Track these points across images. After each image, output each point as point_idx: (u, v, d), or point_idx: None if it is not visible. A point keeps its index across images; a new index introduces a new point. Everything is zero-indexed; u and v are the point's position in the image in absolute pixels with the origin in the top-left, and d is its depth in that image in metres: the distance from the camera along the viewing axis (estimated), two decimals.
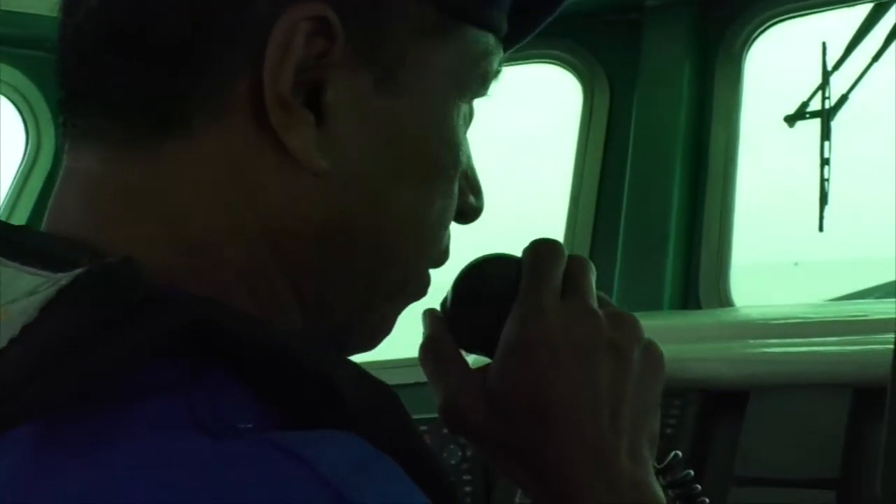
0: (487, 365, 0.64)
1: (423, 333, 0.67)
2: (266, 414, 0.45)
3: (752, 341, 1.68)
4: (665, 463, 0.68)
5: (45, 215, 0.54)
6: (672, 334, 1.76)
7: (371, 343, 0.60)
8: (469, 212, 0.61)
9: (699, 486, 0.74)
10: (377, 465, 0.43)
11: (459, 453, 1.63)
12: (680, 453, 0.72)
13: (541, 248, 0.65)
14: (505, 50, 0.60)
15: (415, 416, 0.51)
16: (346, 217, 0.52)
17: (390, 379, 0.51)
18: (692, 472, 0.73)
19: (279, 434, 0.42)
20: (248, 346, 0.45)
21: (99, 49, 0.51)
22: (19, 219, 2.15)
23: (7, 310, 0.42)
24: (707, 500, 0.74)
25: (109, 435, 0.42)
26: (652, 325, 1.95)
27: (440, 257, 0.60)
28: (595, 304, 0.64)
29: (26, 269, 0.45)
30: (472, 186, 0.60)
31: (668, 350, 1.84)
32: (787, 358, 1.61)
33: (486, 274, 0.66)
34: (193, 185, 0.50)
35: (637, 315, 1.93)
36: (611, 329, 0.63)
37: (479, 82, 0.57)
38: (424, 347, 0.66)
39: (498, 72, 0.58)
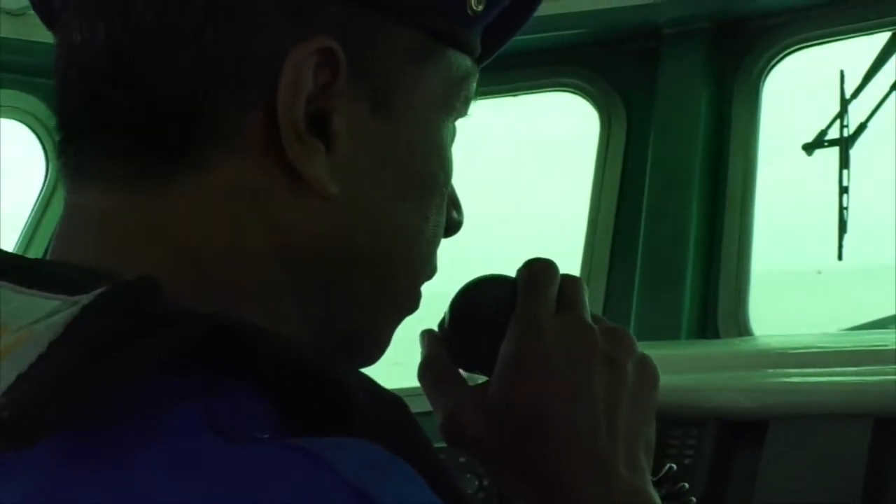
0: (485, 382, 0.66)
1: (422, 353, 0.69)
2: (281, 424, 0.46)
3: (770, 371, 1.67)
4: (660, 475, 0.69)
5: (51, 251, 0.54)
6: (690, 364, 1.75)
7: (372, 359, 0.61)
8: (453, 226, 0.63)
9: (694, 499, 0.75)
10: (393, 467, 0.44)
11: (476, 482, 1.62)
12: (675, 466, 0.74)
13: (535, 267, 0.67)
14: None
15: (435, 445, 0.52)
16: (352, 237, 0.55)
17: (413, 407, 0.52)
18: (686, 485, 0.75)
19: (297, 439, 0.44)
20: (263, 356, 0.46)
21: (107, 90, 0.52)
22: (38, 245, 2.16)
23: (33, 329, 0.43)
24: None
25: (132, 445, 0.43)
26: (670, 354, 1.96)
27: (433, 272, 0.62)
28: (590, 320, 0.66)
29: (42, 293, 0.46)
30: (453, 202, 0.63)
31: (686, 379, 1.84)
32: (807, 388, 1.60)
33: (482, 294, 0.68)
34: (206, 215, 0.51)
35: (655, 344, 1.92)
36: (606, 343, 0.65)
37: (463, 102, 0.60)
38: (423, 367, 0.68)
39: (475, 93, 0.61)
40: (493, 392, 0.64)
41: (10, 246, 2.18)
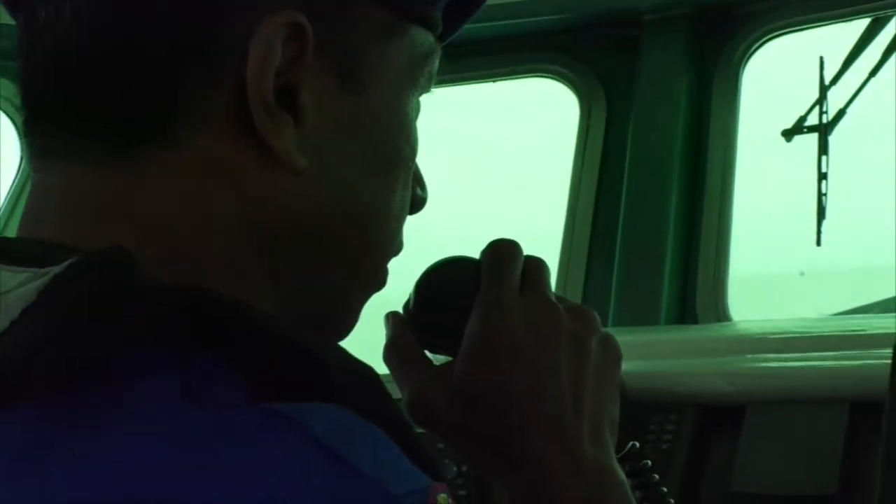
0: (451, 362, 0.66)
1: (386, 335, 0.69)
2: (254, 394, 0.46)
3: (749, 356, 1.68)
4: (623, 452, 0.70)
5: (18, 230, 0.54)
6: (669, 349, 1.75)
7: (341, 334, 0.62)
8: (417, 202, 0.64)
9: (657, 476, 0.76)
10: (365, 431, 0.45)
11: (455, 468, 1.62)
12: (637, 444, 0.75)
13: (499, 248, 0.68)
14: None
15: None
16: (322, 211, 0.56)
17: (394, 394, 0.53)
18: (650, 462, 0.75)
19: (271, 404, 0.44)
20: (237, 327, 0.46)
21: (74, 67, 0.52)
22: (14, 228, 2.15)
23: (4, 298, 0.44)
24: (665, 490, 0.76)
25: (105, 411, 0.43)
26: (649, 339, 1.96)
27: (399, 248, 0.63)
28: (553, 299, 0.67)
29: (11, 268, 0.47)
30: (417, 179, 0.64)
31: (664, 364, 1.84)
32: (785, 373, 1.61)
33: (446, 275, 0.68)
34: (175, 191, 0.52)
35: (634, 330, 1.92)
36: (570, 321, 0.66)
37: (427, 78, 0.61)
38: (388, 348, 0.69)
39: (436, 69, 0.62)
40: (459, 371, 0.65)
41: None
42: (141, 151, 0.51)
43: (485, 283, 0.66)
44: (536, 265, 0.68)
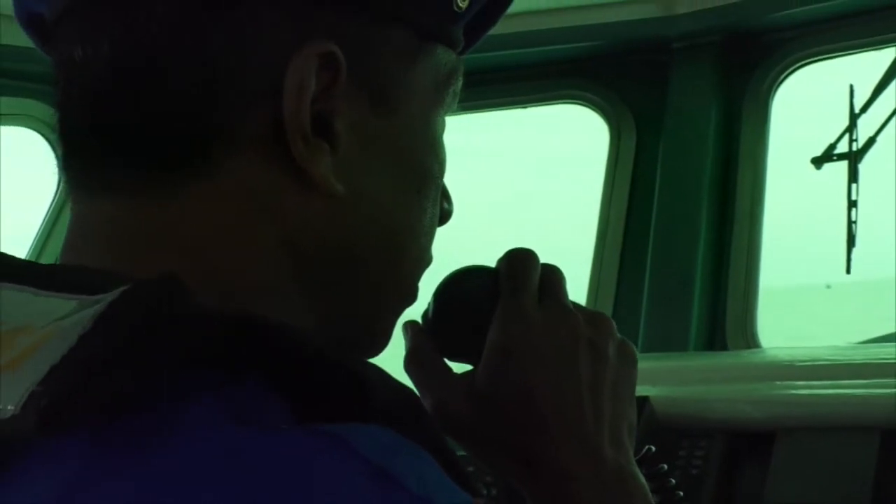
0: (471, 371, 0.68)
1: (406, 345, 0.71)
2: (298, 416, 0.47)
3: (778, 383, 1.67)
4: (640, 455, 0.71)
5: (59, 260, 0.56)
6: (698, 375, 1.75)
7: (376, 351, 0.63)
8: (444, 216, 0.65)
9: (673, 480, 0.77)
10: (409, 449, 0.46)
11: (485, 492, 1.63)
12: (654, 448, 0.76)
13: (516, 257, 0.69)
14: None
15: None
16: (358, 233, 0.57)
17: None
18: (665, 466, 0.77)
19: (318, 425, 0.45)
20: (282, 350, 0.48)
21: (111, 103, 0.53)
22: (51, 252, 2.17)
23: (59, 325, 0.45)
24: (681, 494, 0.77)
25: (158, 434, 0.44)
26: (678, 365, 1.95)
27: (430, 262, 0.64)
28: (571, 307, 0.69)
29: (61, 295, 0.48)
30: (444, 193, 0.65)
31: (694, 391, 1.83)
32: (814, 400, 1.60)
33: (464, 285, 0.70)
34: (216, 219, 0.53)
35: (663, 356, 1.91)
36: (588, 328, 0.68)
37: (452, 96, 0.62)
38: (409, 358, 0.70)
39: (461, 87, 0.63)
40: (481, 379, 0.66)
41: (22, 253, 2.19)
42: (179, 182, 0.53)
43: (504, 291, 0.67)
44: (553, 273, 0.69)
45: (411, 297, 0.64)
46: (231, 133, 0.52)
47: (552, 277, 0.69)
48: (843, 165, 2.03)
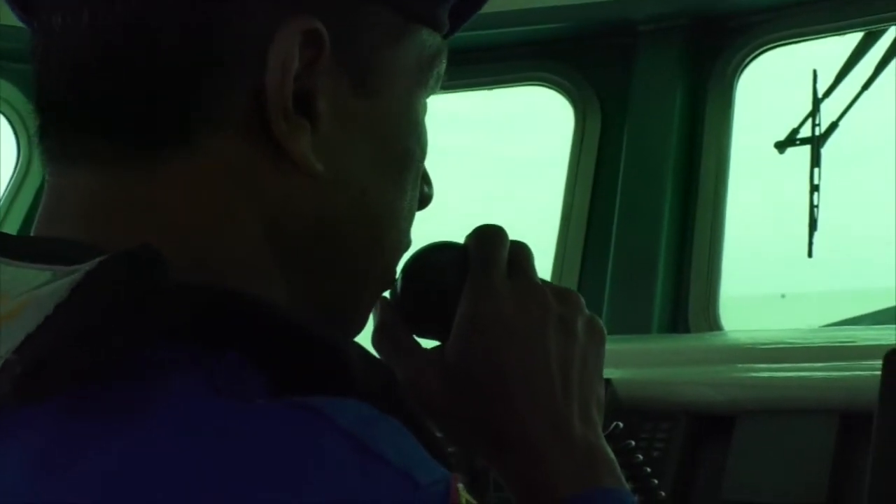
0: (441, 346, 0.68)
1: (374, 321, 0.70)
2: (277, 389, 0.47)
3: (740, 366, 1.68)
4: (607, 432, 0.71)
5: (34, 231, 0.55)
6: (660, 358, 1.76)
7: (354, 333, 0.63)
8: (424, 200, 0.65)
9: (641, 456, 0.78)
10: (387, 422, 0.46)
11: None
12: (621, 424, 0.76)
13: (485, 233, 0.69)
14: None
15: None
16: (337, 213, 0.56)
17: None
18: (633, 442, 0.77)
19: (296, 397, 0.45)
20: (262, 324, 0.48)
21: (93, 73, 0.52)
22: (10, 229, 2.15)
23: (35, 294, 0.45)
24: (648, 470, 0.78)
25: (137, 404, 0.44)
26: (641, 348, 1.97)
27: (408, 245, 0.64)
28: (540, 283, 0.69)
29: (34, 265, 0.47)
30: (424, 176, 0.64)
31: (656, 373, 1.84)
32: (775, 383, 1.62)
33: (433, 260, 0.69)
34: (195, 194, 0.52)
35: (626, 338, 1.91)
36: (557, 304, 0.68)
37: (435, 79, 0.61)
38: (378, 333, 0.69)
39: (444, 69, 0.63)
40: (450, 354, 0.66)
41: None
42: (160, 155, 0.52)
43: (473, 267, 0.67)
44: (522, 249, 0.69)
45: (388, 279, 0.64)
46: (213, 108, 0.52)
47: (521, 253, 0.69)
48: (806, 150, 2.04)
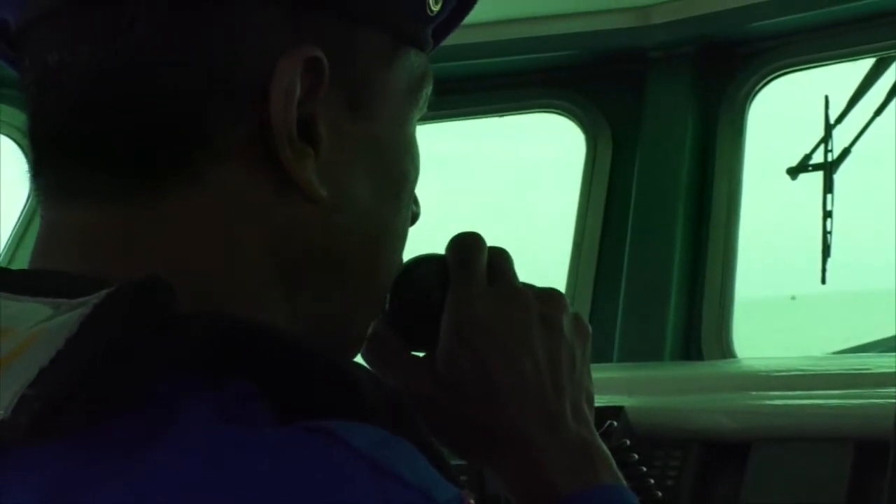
0: (430, 355, 0.68)
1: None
2: (287, 416, 0.47)
3: (753, 393, 1.67)
4: (601, 430, 0.71)
5: (30, 264, 0.55)
6: (674, 385, 1.75)
7: (353, 354, 0.64)
8: (413, 218, 0.65)
9: (636, 455, 0.78)
10: (398, 444, 0.47)
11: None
12: (616, 423, 0.76)
13: (463, 242, 0.70)
14: None
15: None
16: (340, 236, 0.57)
17: None
18: (628, 441, 0.78)
19: (309, 422, 0.45)
20: (272, 352, 0.48)
21: (94, 108, 0.52)
22: (22, 258, 2.15)
23: (45, 327, 0.45)
24: (644, 469, 0.77)
25: (148, 434, 0.44)
26: (654, 375, 1.95)
27: (401, 263, 0.65)
28: (520, 286, 0.69)
29: (38, 299, 0.47)
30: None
31: (669, 401, 1.83)
32: (789, 411, 1.61)
33: (415, 273, 0.70)
34: (199, 224, 0.52)
35: (639, 365, 1.91)
36: (540, 304, 0.68)
37: (424, 99, 0.62)
38: (368, 346, 0.69)
39: (431, 88, 0.63)
40: (441, 363, 0.67)
41: None
42: (162, 188, 0.52)
43: (454, 275, 0.68)
44: (500, 254, 0.70)
45: (384, 296, 0.64)
46: (216, 139, 0.52)
47: (499, 258, 0.69)
48: (818, 176, 2.04)
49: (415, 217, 0.65)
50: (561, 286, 2.10)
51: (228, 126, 0.52)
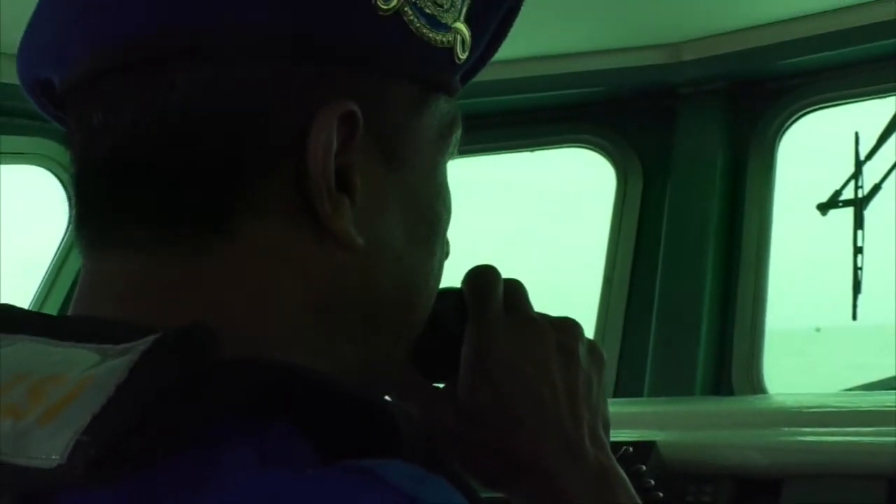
0: (450, 386, 0.69)
1: None
2: (325, 456, 0.48)
3: (785, 429, 1.67)
4: (618, 455, 0.72)
5: (70, 312, 0.56)
6: (705, 420, 1.75)
7: (386, 391, 0.66)
8: (444, 257, 0.66)
9: (652, 481, 0.78)
10: (434, 480, 0.47)
11: None
12: (631, 448, 0.77)
13: (479, 275, 0.71)
14: None
15: None
16: (375, 283, 0.58)
17: None
18: (644, 467, 0.78)
19: (348, 463, 0.46)
20: (312, 392, 0.49)
21: (136, 169, 0.54)
22: (57, 296, 2.17)
23: (92, 374, 0.46)
24: (661, 495, 0.79)
25: (198, 481, 0.45)
26: (684, 410, 1.95)
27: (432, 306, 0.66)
28: (536, 316, 0.70)
29: (81, 345, 0.48)
30: None
31: (700, 436, 1.82)
32: (822, 447, 1.60)
33: (435, 306, 0.70)
34: (236, 276, 0.53)
35: (669, 400, 1.89)
36: (556, 333, 0.69)
37: (454, 143, 0.63)
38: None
39: (461, 134, 0.65)
40: (461, 394, 0.68)
41: (31, 292, 2.20)
42: (200, 241, 0.53)
43: (472, 308, 0.69)
44: (516, 286, 0.71)
45: (416, 335, 0.65)
46: (254, 194, 0.53)
47: (515, 290, 0.71)
48: (848, 212, 2.03)
49: (443, 261, 0.66)
50: (591, 320, 2.11)
51: (265, 181, 0.53)
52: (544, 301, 0.73)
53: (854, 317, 2.02)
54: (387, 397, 0.68)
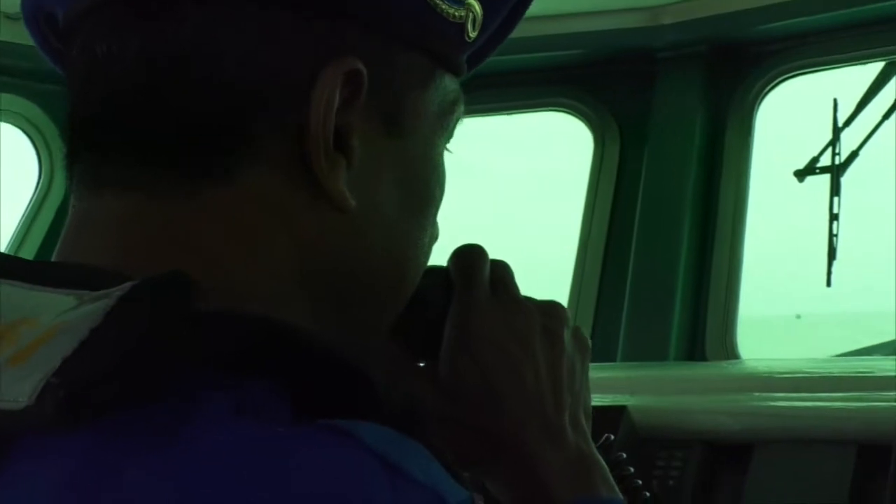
0: (434, 363, 0.69)
1: None
2: (301, 413, 0.48)
3: (757, 395, 1.68)
4: (598, 444, 0.72)
5: (56, 256, 0.55)
6: (677, 386, 1.76)
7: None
8: (432, 241, 0.66)
9: (632, 469, 0.78)
10: (410, 444, 0.48)
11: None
12: (612, 436, 0.77)
13: (466, 254, 0.70)
14: None
15: None
16: (365, 248, 0.58)
17: None
18: (624, 455, 0.78)
19: (324, 420, 0.46)
20: (292, 349, 0.48)
21: (139, 101, 0.53)
22: (29, 248, 2.16)
23: (67, 318, 0.45)
24: (639, 482, 0.78)
25: (170, 427, 0.44)
26: (658, 375, 1.96)
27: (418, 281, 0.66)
28: (523, 297, 0.70)
29: (59, 290, 0.48)
30: None
31: (672, 401, 1.84)
32: (793, 412, 1.61)
33: (420, 283, 0.70)
34: (230, 225, 0.53)
35: (643, 365, 1.91)
36: (541, 316, 0.69)
37: (454, 125, 0.63)
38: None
39: (462, 116, 0.65)
40: (443, 372, 0.67)
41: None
42: (197, 186, 0.53)
43: (458, 286, 0.69)
44: (503, 267, 0.70)
45: (402, 308, 0.64)
46: (255, 144, 0.53)
47: (502, 271, 0.70)
48: (826, 179, 2.04)
49: (432, 240, 0.66)
50: (565, 291, 2.11)
51: (268, 129, 0.53)
52: (524, 276, 0.73)
53: (828, 283, 2.02)
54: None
